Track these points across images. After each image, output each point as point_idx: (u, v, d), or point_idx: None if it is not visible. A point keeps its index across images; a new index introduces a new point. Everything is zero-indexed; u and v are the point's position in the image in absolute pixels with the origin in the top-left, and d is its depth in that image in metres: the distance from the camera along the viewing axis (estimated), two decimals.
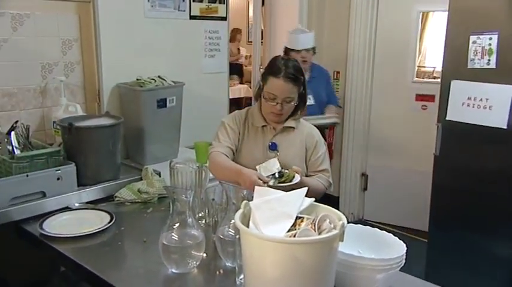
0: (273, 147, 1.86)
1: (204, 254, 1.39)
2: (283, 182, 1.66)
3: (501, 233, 2.38)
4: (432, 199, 2.65)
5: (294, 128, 1.88)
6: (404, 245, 1.29)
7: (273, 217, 1.13)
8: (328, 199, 1.69)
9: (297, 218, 1.16)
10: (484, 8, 2.31)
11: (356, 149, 3.77)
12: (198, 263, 1.37)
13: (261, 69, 3.74)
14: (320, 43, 3.64)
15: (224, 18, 2.91)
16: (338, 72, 3.72)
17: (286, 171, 1.70)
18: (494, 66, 2.30)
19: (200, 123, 2.83)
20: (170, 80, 2.48)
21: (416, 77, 3.71)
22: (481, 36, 2.33)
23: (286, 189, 1.69)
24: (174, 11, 2.61)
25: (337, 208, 1.20)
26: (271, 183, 1.64)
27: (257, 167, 1.72)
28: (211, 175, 1.83)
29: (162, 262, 1.35)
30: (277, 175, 1.67)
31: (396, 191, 3.67)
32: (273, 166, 1.71)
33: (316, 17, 3.61)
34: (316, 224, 1.12)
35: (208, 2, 2.78)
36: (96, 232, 1.60)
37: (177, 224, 1.33)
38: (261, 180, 1.59)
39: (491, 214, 2.41)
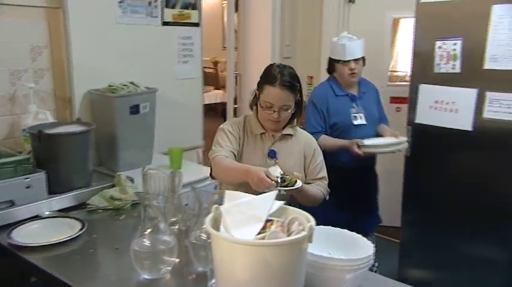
0: (272, 154, 1.84)
1: (177, 260, 1.39)
2: (285, 186, 1.65)
3: (471, 232, 2.45)
4: (404, 199, 2.72)
5: (292, 135, 1.88)
6: (372, 245, 1.33)
7: (243, 221, 1.14)
8: None
9: (267, 221, 1.18)
10: (449, 15, 2.39)
11: None
12: (170, 268, 1.37)
13: (235, 75, 3.78)
14: (293, 48, 3.69)
15: (197, 24, 2.92)
16: (311, 77, 3.77)
17: (288, 176, 1.68)
18: (459, 71, 2.38)
19: (174, 129, 2.83)
20: (143, 86, 2.47)
21: (390, 81, 3.80)
22: (446, 42, 2.41)
23: (289, 193, 1.70)
24: (147, 17, 2.61)
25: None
26: (273, 188, 1.61)
27: None
28: (184, 180, 1.83)
29: (135, 269, 1.35)
30: (279, 180, 1.65)
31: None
32: (274, 171, 1.69)
33: (290, 23, 3.66)
34: (286, 226, 1.14)
35: (181, 8, 2.79)
36: (66, 240, 1.58)
37: (148, 230, 1.33)
38: (269, 178, 1.56)
39: (461, 213, 2.48)
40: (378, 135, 2.60)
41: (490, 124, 2.30)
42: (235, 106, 3.81)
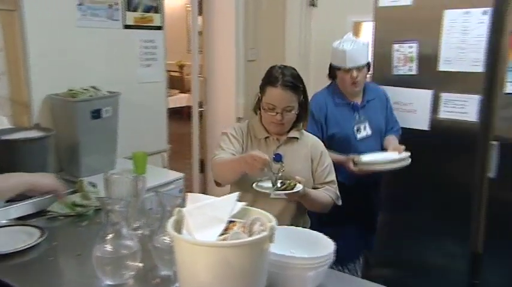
0: (278, 158, 1.76)
1: (140, 264, 1.38)
2: (284, 190, 1.62)
3: (428, 231, 2.54)
4: None
5: (297, 138, 1.82)
6: (333, 243, 1.36)
7: (205, 222, 1.15)
8: None
9: (230, 222, 1.19)
10: (404, 19, 2.48)
11: None
12: (133, 273, 1.35)
13: (200, 78, 3.77)
14: (258, 51, 3.72)
15: (160, 28, 2.90)
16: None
17: (288, 180, 1.65)
18: (415, 73, 2.47)
19: (138, 134, 2.80)
20: (105, 90, 2.44)
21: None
22: (403, 45, 2.50)
23: (293, 199, 1.70)
24: (107, 20, 2.58)
25: None
26: (270, 191, 1.61)
27: (254, 184, 1.65)
28: (149, 185, 1.82)
29: (97, 275, 1.33)
30: (279, 185, 1.63)
31: None
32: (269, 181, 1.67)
33: (253, 26, 3.69)
34: (248, 227, 1.16)
35: (143, 11, 2.77)
36: (25, 249, 1.53)
37: (111, 235, 1.32)
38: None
39: (421, 211, 2.56)
40: (383, 148, 2.34)
41: (446, 124, 2.40)
42: (201, 109, 3.80)
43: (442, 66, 2.37)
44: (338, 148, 2.23)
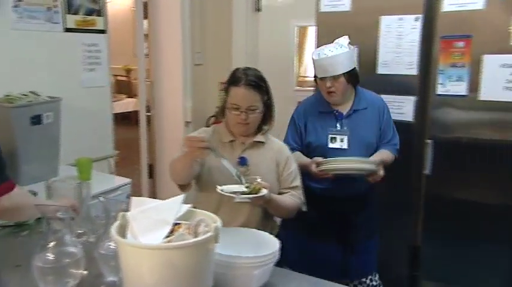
0: (243, 161, 1.77)
1: (85, 272, 1.36)
2: (249, 194, 1.61)
3: (384, 228, 2.64)
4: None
5: (263, 143, 1.83)
6: (278, 241, 1.40)
7: (150, 226, 1.15)
8: None
9: (175, 224, 1.20)
10: (345, 24, 2.58)
11: None
12: (77, 281, 1.32)
13: (147, 82, 3.73)
14: (204, 55, 3.73)
15: (103, 31, 2.85)
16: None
17: (252, 184, 1.63)
18: None
19: (83, 140, 2.74)
20: (46, 95, 2.36)
21: (302, 86, 3.98)
22: None
23: (258, 203, 1.68)
24: (46, 23, 2.50)
25: None
26: (235, 196, 1.59)
27: (218, 188, 1.63)
28: (95, 191, 1.78)
29: (39, 286, 1.29)
30: (244, 189, 1.61)
31: None
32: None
33: (200, 30, 3.70)
34: (193, 228, 1.17)
35: (84, 15, 2.70)
36: None
37: (52, 243, 1.28)
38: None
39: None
40: None
41: None
42: (149, 114, 3.75)
43: (380, 70, 2.50)
44: (314, 157, 2.09)
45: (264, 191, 1.61)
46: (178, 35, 3.49)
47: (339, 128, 2.12)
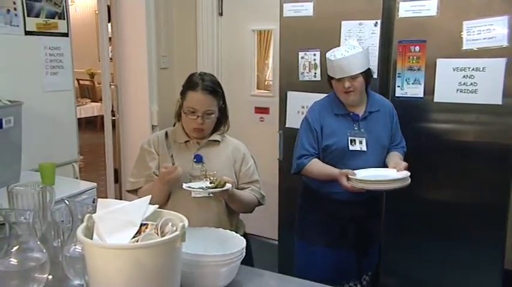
0: (199, 159, 1.84)
1: (50, 276, 1.34)
2: (214, 188, 1.67)
3: None
4: (280, 201, 2.90)
5: (219, 141, 1.90)
6: (244, 240, 1.43)
7: (116, 227, 1.16)
8: None
9: (142, 225, 1.21)
10: (307, 28, 2.65)
11: None
12: (42, 286, 1.31)
13: (112, 87, 3.69)
14: (170, 59, 3.73)
15: (66, 35, 2.81)
16: None
17: (216, 180, 1.70)
18: (319, 79, 2.65)
19: (46, 144, 2.69)
20: (5, 99, 2.30)
21: (263, 89, 3.96)
22: (307, 53, 2.67)
23: (222, 197, 1.75)
24: (6, 25, 2.44)
25: None
26: (201, 191, 1.69)
27: (184, 185, 1.70)
28: (60, 196, 1.76)
29: None
30: (208, 184, 1.69)
31: None
32: (201, 183, 1.74)
33: (165, 33, 3.69)
34: (159, 228, 1.18)
35: (46, 17, 2.66)
36: None
37: (15, 248, 1.27)
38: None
39: None
40: (385, 165, 2.13)
41: None
42: (114, 118, 3.71)
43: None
44: (332, 160, 2.10)
45: (229, 185, 1.68)
46: (143, 38, 3.47)
47: (356, 129, 2.11)
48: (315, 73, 2.67)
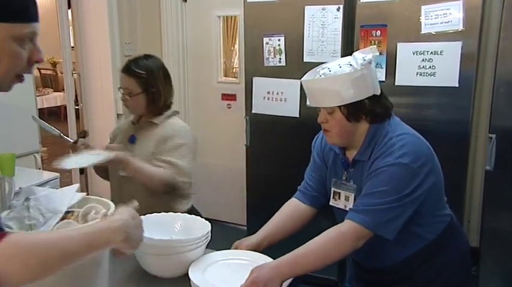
0: (132, 140, 1.96)
1: None
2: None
3: None
4: (247, 187, 2.93)
5: (156, 124, 1.93)
6: (209, 224, 1.45)
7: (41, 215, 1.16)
8: None
9: (68, 212, 1.21)
10: (272, 14, 2.66)
11: None
12: None
13: (74, 75, 3.59)
14: (135, 46, 3.65)
15: None
16: None
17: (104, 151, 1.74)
18: (284, 64, 2.67)
19: (5, 135, 2.60)
20: None
21: (231, 76, 3.93)
22: (271, 38, 2.68)
23: (108, 164, 1.80)
24: None
25: None
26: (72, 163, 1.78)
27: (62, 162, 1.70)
28: (19, 186, 1.72)
29: None
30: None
31: (214, 188, 3.64)
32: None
33: (128, 20, 3.61)
34: (81, 216, 1.18)
35: None
36: None
37: None
38: None
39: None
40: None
41: (313, 111, 2.62)
42: (77, 107, 3.62)
43: (306, 58, 2.60)
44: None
45: (111, 154, 1.69)
46: (105, 25, 3.38)
47: (344, 181, 1.51)
48: (280, 58, 2.69)
